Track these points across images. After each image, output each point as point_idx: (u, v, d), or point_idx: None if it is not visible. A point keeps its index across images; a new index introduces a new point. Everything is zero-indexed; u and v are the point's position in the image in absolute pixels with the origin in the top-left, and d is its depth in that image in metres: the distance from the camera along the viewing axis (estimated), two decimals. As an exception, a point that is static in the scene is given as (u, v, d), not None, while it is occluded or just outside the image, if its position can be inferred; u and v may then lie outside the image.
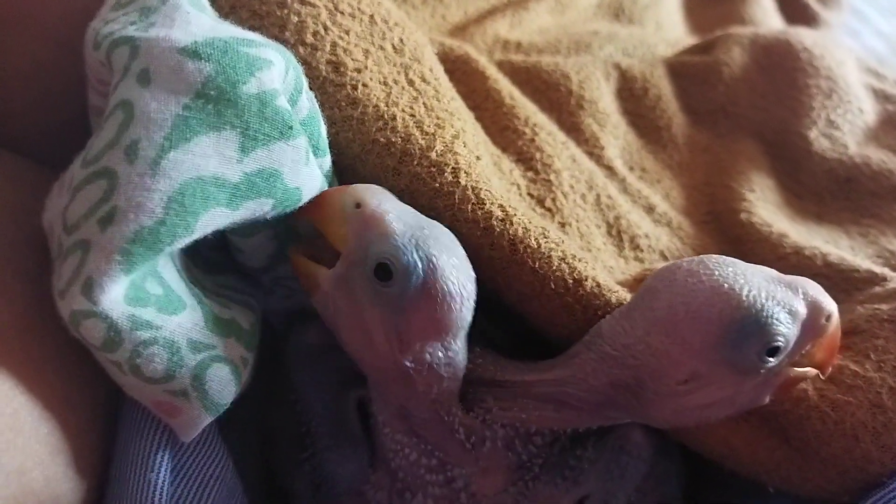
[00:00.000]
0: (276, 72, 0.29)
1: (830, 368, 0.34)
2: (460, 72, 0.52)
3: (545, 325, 0.37)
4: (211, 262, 0.34)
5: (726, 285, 0.29)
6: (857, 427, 0.35)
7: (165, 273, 0.29)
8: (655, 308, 0.30)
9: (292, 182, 0.30)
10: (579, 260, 0.36)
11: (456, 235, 0.35)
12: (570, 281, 0.35)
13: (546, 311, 0.36)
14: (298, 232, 0.36)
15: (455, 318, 0.32)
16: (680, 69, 0.60)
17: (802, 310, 0.30)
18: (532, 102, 0.54)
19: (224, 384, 0.30)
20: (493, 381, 0.35)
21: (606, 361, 0.32)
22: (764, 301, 0.29)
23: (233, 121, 0.27)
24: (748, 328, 0.29)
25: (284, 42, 0.37)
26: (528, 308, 0.36)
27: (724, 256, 0.31)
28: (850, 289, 0.44)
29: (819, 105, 0.57)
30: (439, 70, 0.42)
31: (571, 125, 0.53)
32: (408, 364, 0.32)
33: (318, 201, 0.33)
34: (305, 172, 0.30)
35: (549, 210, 0.44)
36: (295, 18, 0.37)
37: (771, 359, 0.30)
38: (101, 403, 0.33)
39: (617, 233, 0.46)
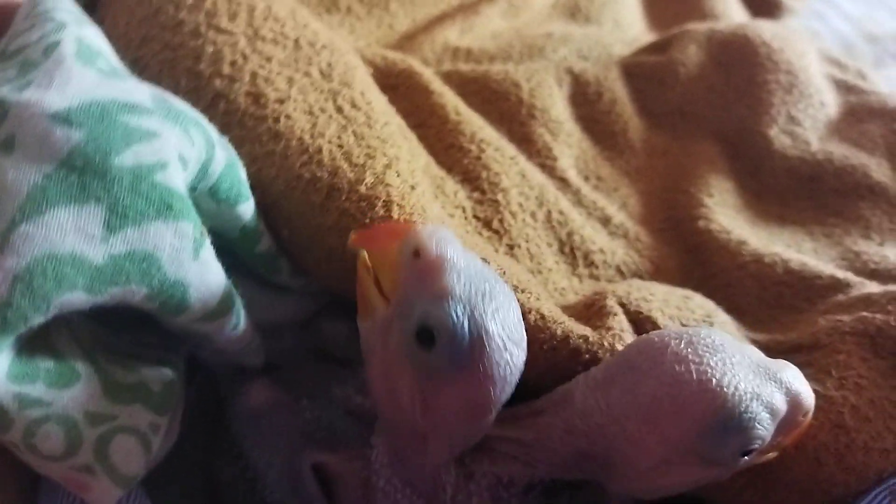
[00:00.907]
0: (159, 145, 0.26)
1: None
2: (404, 87, 0.51)
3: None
4: (125, 316, 0.32)
5: (714, 380, 0.27)
6: (820, 450, 0.33)
7: (58, 341, 0.27)
8: (638, 394, 0.29)
9: (173, 273, 0.27)
10: (521, 291, 0.34)
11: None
12: (512, 314, 0.33)
13: (490, 347, 0.34)
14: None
15: (491, 403, 0.28)
16: (635, 70, 0.58)
17: (783, 408, 0.29)
18: (482, 114, 0.52)
19: (131, 456, 0.28)
20: None
21: (575, 434, 0.30)
22: (749, 402, 0.27)
23: (99, 194, 0.25)
24: (730, 430, 0.28)
25: (199, 75, 0.35)
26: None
27: (712, 333, 0.29)
28: (812, 297, 0.42)
29: (779, 101, 0.55)
30: (372, 93, 0.40)
31: (523, 136, 0.51)
32: (426, 429, 0.29)
33: (373, 235, 0.30)
34: (193, 267, 0.27)
35: (497, 232, 0.42)
36: (210, 49, 0.35)
37: (745, 457, 0.29)
38: (31, 478, 0.31)
39: (570, 250, 0.44)
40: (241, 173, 0.32)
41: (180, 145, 0.27)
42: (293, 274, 0.37)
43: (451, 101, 0.49)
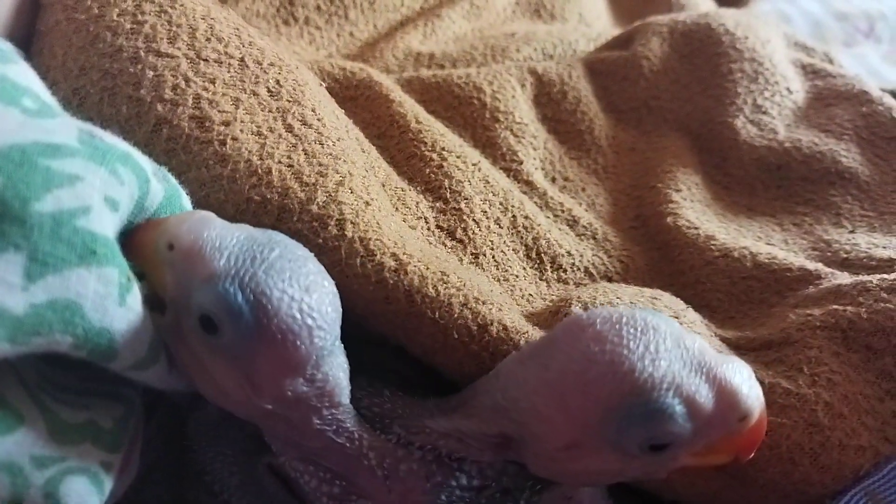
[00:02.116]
0: (82, 188, 0.25)
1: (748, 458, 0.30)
2: (363, 97, 0.50)
3: (454, 374, 0.34)
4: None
5: (626, 363, 0.26)
6: (794, 450, 0.33)
7: (1, 385, 0.26)
8: (549, 368, 0.27)
9: (98, 320, 0.26)
10: (483, 303, 0.34)
11: (347, 292, 0.32)
12: (475, 328, 0.33)
13: (452, 362, 0.33)
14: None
15: (307, 351, 0.28)
16: (599, 67, 0.58)
17: (708, 405, 0.26)
18: (446, 120, 0.52)
19: (83, 496, 0.27)
20: (399, 416, 0.33)
21: (498, 412, 0.29)
22: (661, 391, 0.26)
23: (18, 242, 0.24)
24: (634, 418, 0.26)
25: (140, 101, 0.34)
26: (434, 360, 0.34)
27: (649, 316, 0.28)
28: (782, 290, 0.42)
29: (744, 90, 0.55)
30: (325, 108, 0.39)
31: (487, 140, 0.51)
32: (270, 406, 0.29)
33: (131, 241, 0.29)
34: (119, 314, 0.26)
35: (461, 241, 0.42)
36: (150, 73, 0.34)
37: (659, 452, 0.27)
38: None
39: (537, 254, 0.44)
40: (184, 202, 0.31)
41: (106, 187, 0.26)
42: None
43: (412, 109, 0.48)
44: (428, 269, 0.33)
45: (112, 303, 0.26)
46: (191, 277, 0.27)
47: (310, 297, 0.27)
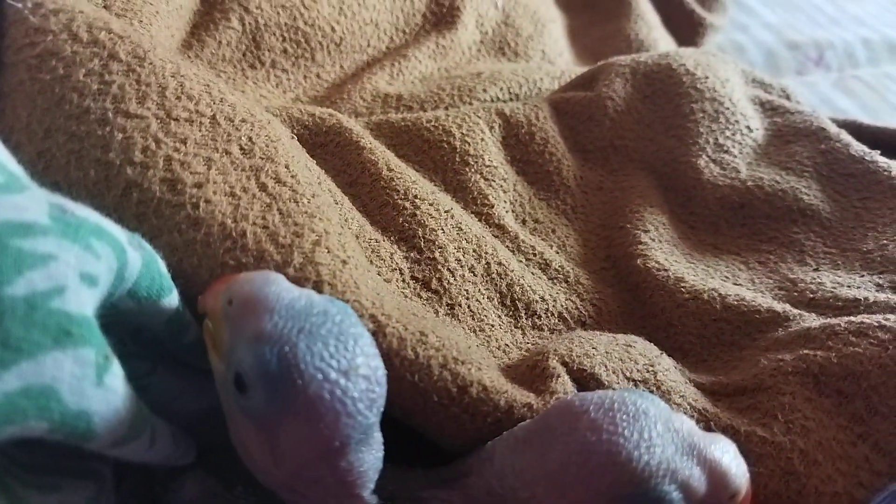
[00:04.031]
0: (55, 268, 0.24)
1: None
2: (333, 144, 0.50)
3: (434, 436, 0.34)
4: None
5: (624, 452, 0.26)
6: (771, 498, 0.33)
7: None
8: (548, 459, 0.28)
9: (75, 404, 0.25)
10: (462, 363, 0.33)
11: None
12: (454, 389, 0.33)
13: (433, 424, 0.33)
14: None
15: (331, 435, 0.26)
16: (565, 107, 0.58)
17: (701, 488, 0.27)
18: (416, 164, 0.52)
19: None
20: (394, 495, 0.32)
21: (493, 496, 0.29)
22: (659, 479, 0.26)
23: None
24: None
25: (109, 164, 0.33)
26: (413, 422, 0.34)
27: (638, 399, 0.28)
28: (752, 332, 0.42)
29: (706, 130, 0.56)
30: (298, 163, 0.38)
31: (458, 184, 0.51)
32: (289, 481, 0.28)
33: (206, 296, 0.29)
34: (96, 395, 0.25)
35: (437, 292, 0.42)
36: (119, 136, 0.33)
37: None
38: None
39: (511, 301, 0.44)
40: (160, 266, 0.31)
41: (81, 264, 0.25)
42: (226, 359, 0.36)
43: (383, 156, 0.48)
44: (406, 329, 0.33)
45: (89, 384, 0.25)
46: (240, 333, 0.26)
47: (347, 379, 0.26)
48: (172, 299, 0.32)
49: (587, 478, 0.27)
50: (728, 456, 0.28)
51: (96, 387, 0.26)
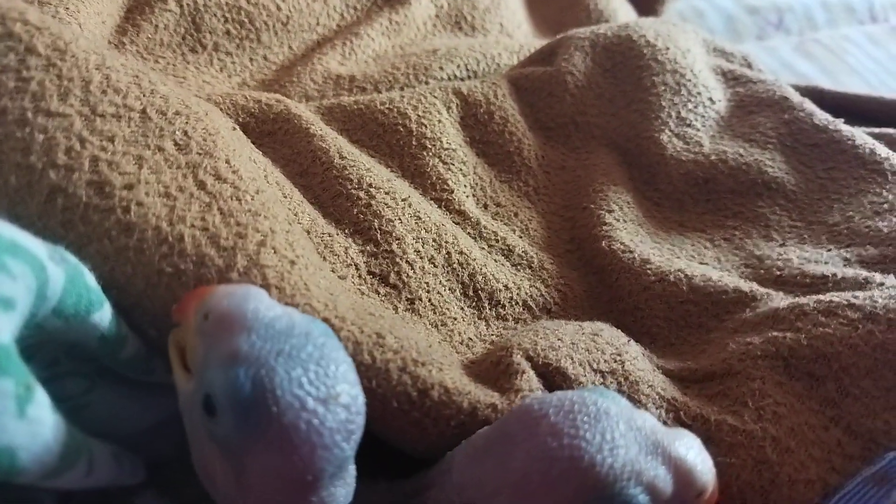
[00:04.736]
0: None
1: None
2: (282, 132, 0.47)
3: (396, 442, 0.32)
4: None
5: (587, 457, 0.25)
6: (745, 489, 0.32)
7: None
8: (509, 469, 0.26)
9: None
10: (422, 364, 0.32)
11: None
12: (415, 393, 0.31)
13: (393, 430, 0.32)
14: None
15: (304, 468, 0.24)
16: (524, 83, 0.56)
17: (667, 488, 0.26)
18: (371, 150, 0.50)
19: None
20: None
21: None
22: (624, 482, 0.25)
23: None
24: None
25: (30, 168, 0.30)
26: (373, 428, 0.32)
27: (599, 399, 0.27)
28: (719, 313, 0.41)
29: (668, 103, 0.55)
30: (240, 157, 0.36)
31: (416, 169, 0.49)
32: None
33: (180, 307, 0.27)
34: (19, 428, 0.23)
35: (395, 287, 0.40)
36: (41, 137, 0.31)
37: None
38: None
39: (474, 292, 0.42)
40: (89, 280, 0.29)
41: None
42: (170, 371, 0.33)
43: (335, 143, 0.46)
44: (363, 332, 0.31)
45: (10, 418, 0.23)
46: (214, 351, 0.24)
47: (325, 409, 0.24)
48: (104, 314, 0.29)
49: (550, 486, 0.25)
50: (693, 452, 0.27)
51: (18, 420, 0.23)
